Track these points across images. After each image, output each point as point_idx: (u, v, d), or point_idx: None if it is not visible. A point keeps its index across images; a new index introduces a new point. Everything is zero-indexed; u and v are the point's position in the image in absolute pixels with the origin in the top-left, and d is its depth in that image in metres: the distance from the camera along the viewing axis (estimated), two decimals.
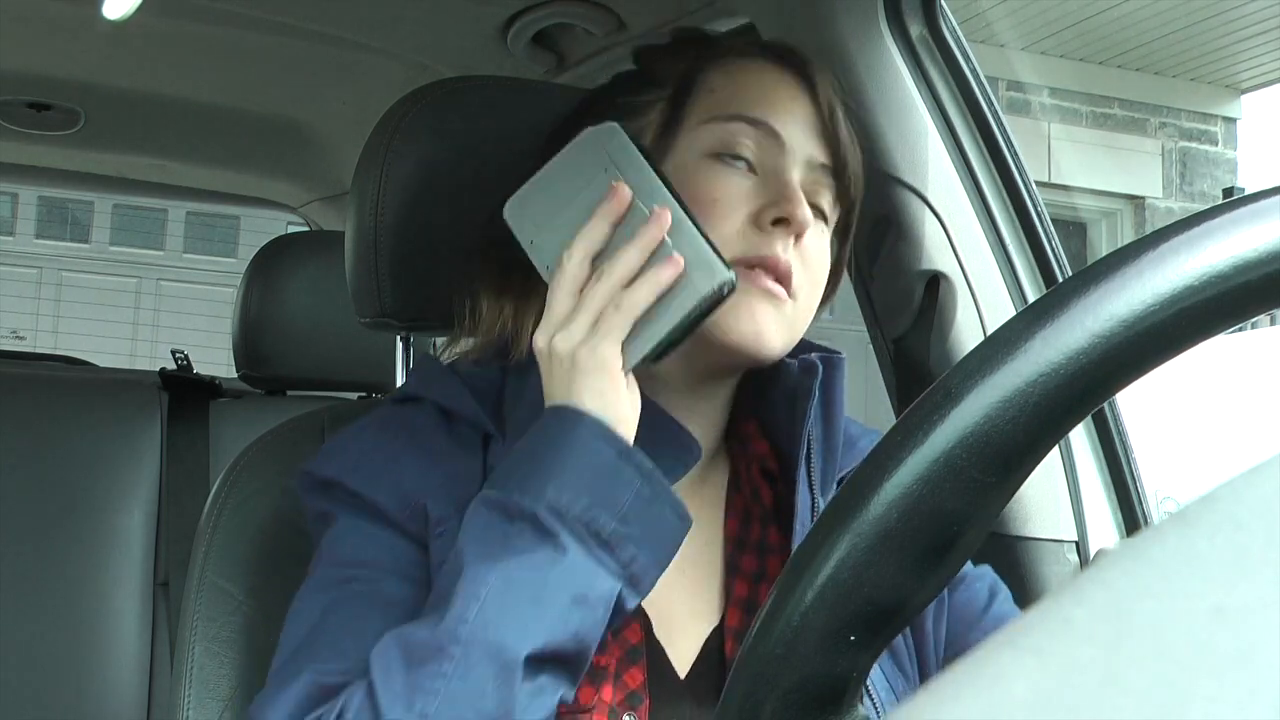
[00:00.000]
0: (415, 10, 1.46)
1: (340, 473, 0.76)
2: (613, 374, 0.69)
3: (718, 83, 0.80)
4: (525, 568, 0.65)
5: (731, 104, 0.79)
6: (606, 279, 0.70)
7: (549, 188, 0.75)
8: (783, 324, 0.76)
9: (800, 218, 0.75)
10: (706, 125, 0.78)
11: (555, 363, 0.70)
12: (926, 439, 0.38)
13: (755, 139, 0.78)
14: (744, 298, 0.74)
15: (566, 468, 0.67)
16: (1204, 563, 0.18)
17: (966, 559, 0.40)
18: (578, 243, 0.72)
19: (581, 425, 0.68)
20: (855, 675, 0.40)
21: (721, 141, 0.78)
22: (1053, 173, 6.60)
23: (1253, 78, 7.02)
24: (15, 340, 7.24)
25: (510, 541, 0.66)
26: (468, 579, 0.65)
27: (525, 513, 0.66)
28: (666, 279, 0.69)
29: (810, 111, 0.80)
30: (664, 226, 0.70)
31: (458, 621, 0.64)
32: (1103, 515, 1.11)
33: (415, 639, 0.65)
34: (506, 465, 0.70)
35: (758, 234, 0.75)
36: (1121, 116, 6.90)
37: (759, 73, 0.81)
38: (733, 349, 0.75)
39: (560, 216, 0.74)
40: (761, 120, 0.78)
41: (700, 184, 0.76)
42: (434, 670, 0.63)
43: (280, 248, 1.80)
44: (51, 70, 1.83)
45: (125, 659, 1.58)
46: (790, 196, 0.75)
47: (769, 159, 0.78)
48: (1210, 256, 0.38)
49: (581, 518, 0.66)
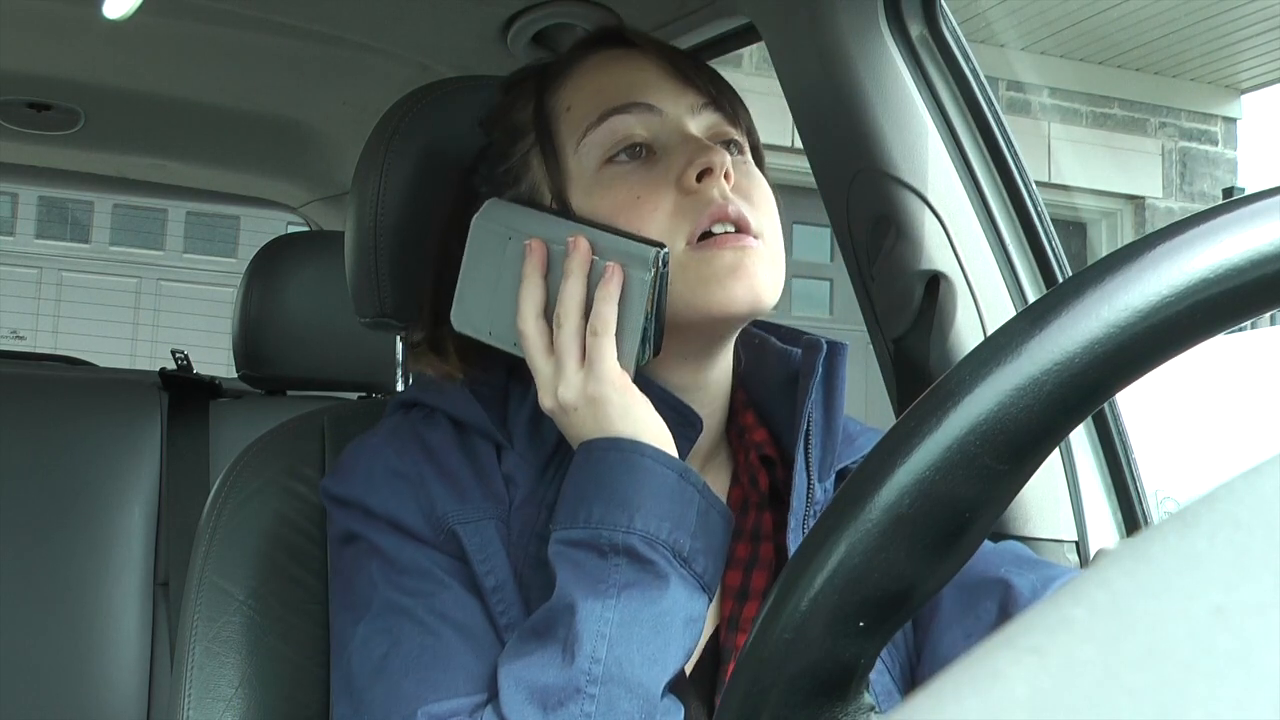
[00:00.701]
0: (415, 10, 1.46)
1: (362, 494, 0.76)
2: (626, 388, 0.72)
3: (568, 99, 0.81)
4: (639, 601, 0.67)
5: (594, 106, 0.79)
6: (567, 320, 0.73)
7: (474, 282, 0.78)
8: (765, 266, 0.76)
9: (719, 162, 0.75)
10: (584, 140, 0.79)
11: (571, 413, 0.73)
12: (940, 425, 0.38)
13: (637, 123, 0.78)
14: (718, 263, 0.75)
15: (644, 497, 0.69)
16: (1204, 563, 0.18)
17: (977, 547, 0.40)
18: (524, 308, 0.75)
19: (640, 453, 0.70)
20: (863, 662, 0.40)
21: (608, 144, 0.78)
22: (1053, 173, 6.60)
23: (1253, 78, 7.02)
24: (15, 340, 7.24)
25: (611, 576, 0.68)
26: (584, 617, 0.67)
27: (619, 547, 0.68)
28: (615, 290, 0.72)
29: (658, 67, 0.81)
30: (585, 249, 0.74)
31: (590, 661, 0.65)
32: (1103, 515, 1.11)
33: (544, 682, 0.66)
34: (570, 502, 0.71)
35: (691, 199, 0.76)
36: (1121, 116, 6.90)
37: (595, 67, 0.82)
38: (735, 312, 0.76)
39: (496, 298, 0.77)
40: (631, 102, 0.79)
41: (615, 193, 0.77)
42: (575, 712, 0.65)
43: (280, 248, 1.80)
44: (51, 70, 1.83)
45: (125, 659, 1.58)
46: (699, 147, 0.76)
47: (660, 132, 0.79)
48: (1226, 250, 0.38)
49: (668, 542, 0.69)
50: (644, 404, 0.72)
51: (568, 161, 0.79)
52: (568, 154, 0.79)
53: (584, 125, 0.79)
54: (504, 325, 0.77)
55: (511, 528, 0.75)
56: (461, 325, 0.79)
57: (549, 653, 0.67)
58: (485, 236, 0.78)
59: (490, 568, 0.73)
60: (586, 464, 0.71)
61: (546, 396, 0.73)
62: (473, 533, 0.74)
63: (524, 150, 0.81)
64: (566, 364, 0.72)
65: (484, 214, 0.78)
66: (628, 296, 0.73)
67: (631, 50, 0.82)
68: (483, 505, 0.75)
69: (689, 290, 0.75)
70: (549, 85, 0.83)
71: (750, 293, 0.75)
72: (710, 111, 0.80)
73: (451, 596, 0.72)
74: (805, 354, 0.80)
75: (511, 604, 0.73)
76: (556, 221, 0.76)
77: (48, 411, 1.67)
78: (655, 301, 0.73)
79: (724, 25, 1.27)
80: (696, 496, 0.71)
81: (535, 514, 0.76)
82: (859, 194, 1.11)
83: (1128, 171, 6.87)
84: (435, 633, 0.71)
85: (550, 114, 0.81)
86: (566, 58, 0.84)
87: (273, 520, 0.89)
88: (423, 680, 0.69)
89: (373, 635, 0.72)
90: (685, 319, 0.75)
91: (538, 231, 0.76)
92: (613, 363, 0.72)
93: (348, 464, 0.79)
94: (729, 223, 0.75)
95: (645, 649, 0.67)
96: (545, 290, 0.75)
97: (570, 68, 0.83)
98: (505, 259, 0.77)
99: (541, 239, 0.75)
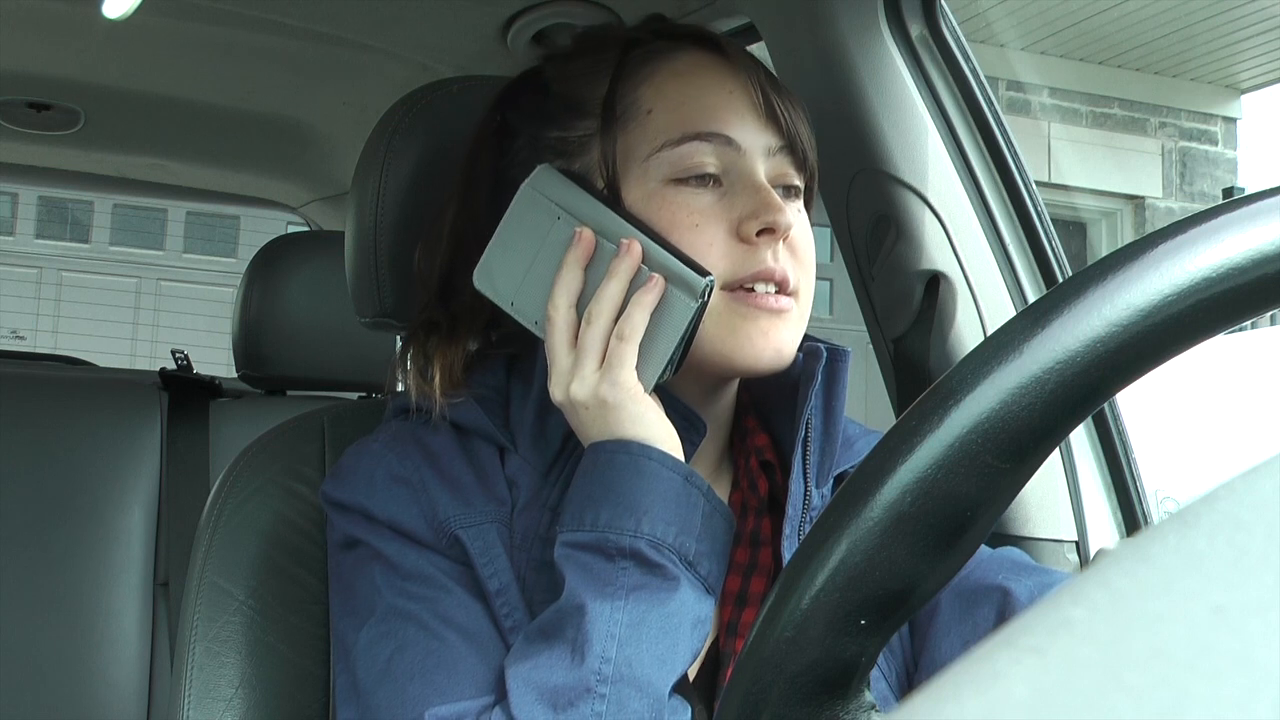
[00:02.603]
0: (415, 10, 1.46)
1: (364, 499, 0.76)
2: (641, 398, 0.72)
3: (650, 100, 0.78)
4: (647, 602, 0.68)
5: (676, 124, 0.77)
6: (598, 320, 0.72)
7: (509, 248, 0.76)
8: (794, 328, 0.77)
9: (784, 224, 0.74)
10: (659, 154, 0.76)
11: (580, 409, 0.72)
12: (942, 423, 0.38)
13: (713, 153, 0.76)
14: (751, 323, 0.75)
15: (651, 501, 0.69)
16: (1204, 563, 0.18)
17: (978, 545, 0.40)
18: (558, 295, 0.73)
19: (647, 457, 0.70)
20: (864, 660, 0.40)
21: (682, 166, 0.76)
22: (1053, 173, 6.60)
23: (1253, 78, 7.02)
24: (15, 340, 7.25)
25: (619, 579, 0.68)
26: (593, 618, 0.67)
27: (626, 550, 0.68)
28: (652, 301, 0.71)
29: (748, 96, 0.78)
30: (636, 256, 0.72)
31: (600, 661, 0.66)
32: (1103, 515, 1.11)
33: (554, 683, 0.66)
34: (577, 505, 0.71)
35: (744, 248, 0.75)
36: (1121, 116, 6.90)
37: (688, 74, 0.79)
38: (758, 370, 0.76)
39: (531, 273, 0.75)
40: (714, 133, 0.76)
41: (674, 212, 0.75)
42: (586, 712, 0.65)
43: (280, 248, 1.80)
44: (51, 70, 1.83)
45: (125, 659, 1.58)
46: (768, 203, 0.75)
47: (733, 167, 0.77)
48: (1227, 249, 0.38)
49: (674, 545, 0.69)
50: (655, 409, 0.72)
51: (632, 164, 0.77)
52: (635, 157, 0.77)
53: (661, 140, 0.76)
54: (530, 302, 0.75)
55: (515, 530, 0.75)
56: (483, 285, 0.77)
57: (558, 653, 0.67)
58: (531, 206, 0.75)
59: (493, 571, 0.73)
60: (594, 467, 0.71)
61: (558, 388, 0.73)
62: (475, 536, 0.74)
63: (588, 130, 0.78)
64: (586, 361, 0.72)
65: (534, 181, 0.75)
66: (663, 314, 0.72)
67: (723, 63, 0.79)
68: (485, 509, 0.75)
69: (717, 336, 0.75)
70: (631, 70, 0.79)
71: (775, 355, 0.76)
72: (784, 155, 0.78)
73: (455, 601, 0.72)
74: (806, 361, 0.79)
75: (515, 607, 0.73)
76: (612, 216, 0.74)
77: (48, 411, 1.67)
78: (687, 329, 0.72)
79: (724, 25, 1.27)
80: (701, 500, 0.71)
81: (539, 516, 0.75)
82: (859, 194, 1.11)
83: (1127, 171, 6.87)
84: (440, 637, 0.71)
85: (628, 105, 0.78)
86: (656, 48, 0.80)
87: (273, 520, 0.89)
88: (428, 684, 0.69)
89: (377, 640, 0.72)
90: (707, 359, 0.75)
91: (589, 219, 0.74)
92: (631, 371, 0.71)
93: (348, 469, 0.79)
94: (773, 284, 0.75)
95: (655, 649, 0.67)
96: (583, 280, 0.74)
97: (657, 61, 0.79)
98: (549, 237, 0.74)
99: (592, 229, 0.74)
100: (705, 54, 0.80)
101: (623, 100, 0.78)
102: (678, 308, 0.71)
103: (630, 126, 0.77)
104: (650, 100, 0.78)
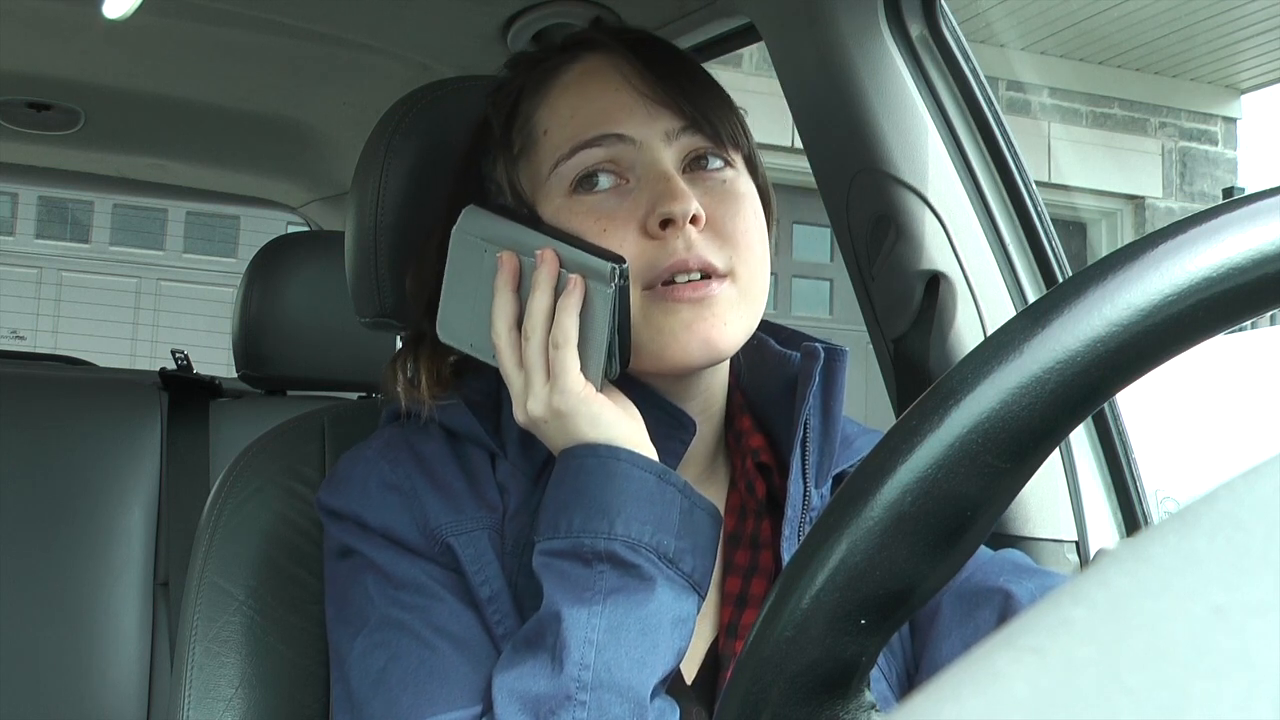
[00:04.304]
0: (415, 10, 1.46)
1: (358, 508, 0.76)
2: (594, 399, 0.71)
3: (545, 120, 0.79)
4: (624, 605, 0.67)
5: (564, 138, 0.77)
6: (534, 335, 0.73)
7: (454, 294, 0.78)
8: (728, 308, 0.74)
9: (681, 213, 0.73)
10: (556, 170, 0.77)
11: (542, 425, 0.73)
12: (942, 423, 0.38)
13: (605, 155, 0.76)
14: (674, 317, 0.73)
15: (624, 502, 0.69)
16: (1204, 563, 0.18)
17: (979, 545, 0.40)
18: (497, 321, 0.74)
19: (615, 458, 0.70)
20: (864, 660, 0.40)
21: (579, 175, 0.76)
22: (1053, 173, 6.60)
23: (1253, 78, 7.02)
24: (15, 340, 7.25)
25: (596, 583, 0.68)
26: (570, 625, 0.67)
27: (601, 553, 0.68)
28: (576, 302, 0.72)
29: (632, 88, 0.77)
30: (552, 262, 0.73)
31: (579, 668, 0.66)
32: (1103, 515, 1.11)
33: (535, 691, 0.66)
34: (551, 512, 0.71)
35: (654, 243, 0.74)
36: (1121, 116, 6.90)
37: (575, 85, 0.79)
38: (691, 365, 0.75)
39: (475, 311, 0.77)
40: (603, 135, 0.76)
41: (581, 220, 0.75)
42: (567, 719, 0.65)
43: (280, 248, 1.80)
44: (51, 70, 1.83)
45: (125, 659, 1.58)
46: (665, 193, 0.74)
47: (635, 162, 0.76)
48: (1227, 249, 0.38)
49: (651, 545, 0.69)
50: (612, 409, 0.72)
51: (539, 182, 0.78)
52: (540, 175, 0.78)
53: (555, 156, 0.77)
54: (483, 337, 0.76)
55: (505, 536, 0.75)
56: (445, 336, 0.79)
57: (538, 662, 0.67)
58: (464, 248, 0.78)
59: (485, 578, 0.73)
60: (565, 473, 0.71)
61: (519, 411, 0.73)
62: (467, 544, 0.74)
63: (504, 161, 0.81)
64: (534, 378, 0.72)
65: (461, 224, 0.78)
66: (591, 310, 0.72)
67: (607, 62, 0.79)
68: (476, 515, 0.75)
69: (647, 336, 0.74)
70: (529, 94, 0.81)
71: (704, 347, 0.73)
72: (688, 135, 0.77)
73: (447, 609, 0.72)
74: (803, 361, 0.79)
75: (507, 614, 0.73)
76: (527, 232, 0.76)
77: (48, 411, 1.67)
78: (616, 316, 0.72)
79: (724, 25, 1.27)
80: (678, 496, 0.70)
81: (528, 522, 0.75)
82: (859, 194, 1.11)
83: (1128, 171, 6.87)
84: (432, 646, 0.71)
85: (529, 131, 0.79)
86: (550, 65, 0.81)
87: (273, 520, 0.89)
88: (420, 693, 0.69)
89: (370, 650, 0.72)
90: (646, 361, 0.74)
91: (508, 243, 0.76)
92: (576, 375, 0.71)
93: (343, 476, 0.79)
94: (691, 272, 0.73)
95: (633, 652, 0.67)
96: (518, 303, 0.75)
97: (550, 80, 0.80)
98: (482, 271, 0.76)
99: (513, 251, 0.75)
100: (597, 57, 0.80)
101: (522, 130, 0.80)
102: (598, 300, 0.72)
103: (531, 151, 0.79)
104: (545, 120, 0.79)
